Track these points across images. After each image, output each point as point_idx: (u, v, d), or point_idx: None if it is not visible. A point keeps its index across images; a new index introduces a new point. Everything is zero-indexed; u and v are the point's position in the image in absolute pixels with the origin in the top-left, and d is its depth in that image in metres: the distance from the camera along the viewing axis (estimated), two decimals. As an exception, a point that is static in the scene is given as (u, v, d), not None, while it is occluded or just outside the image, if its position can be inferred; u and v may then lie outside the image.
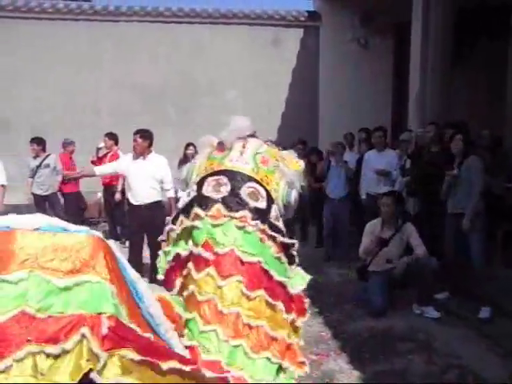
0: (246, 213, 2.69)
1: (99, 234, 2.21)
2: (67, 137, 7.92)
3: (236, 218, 2.67)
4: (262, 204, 2.79)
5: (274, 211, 2.85)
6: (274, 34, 9.77)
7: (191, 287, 2.63)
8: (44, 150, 7.29)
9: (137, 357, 1.87)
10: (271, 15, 9.83)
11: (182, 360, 2.08)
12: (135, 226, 5.09)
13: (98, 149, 7.42)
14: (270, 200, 2.86)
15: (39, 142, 7.20)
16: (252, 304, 2.59)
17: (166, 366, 1.95)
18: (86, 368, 1.76)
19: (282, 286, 2.73)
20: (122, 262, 2.25)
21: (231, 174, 2.84)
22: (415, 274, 4.25)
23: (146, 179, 4.94)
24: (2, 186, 5.88)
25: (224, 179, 2.81)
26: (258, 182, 2.85)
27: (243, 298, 2.57)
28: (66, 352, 1.78)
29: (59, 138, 8.47)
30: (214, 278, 2.58)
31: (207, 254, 2.61)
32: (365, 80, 9.00)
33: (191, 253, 2.68)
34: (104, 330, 1.83)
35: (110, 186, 7.28)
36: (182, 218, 2.84)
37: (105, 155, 7.31)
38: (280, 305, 2.67)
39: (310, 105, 9.76)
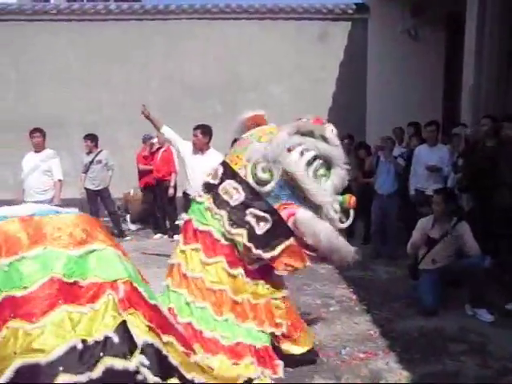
0: (200, 189, 3.24)
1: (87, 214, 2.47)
2: (117, 133, 8.18)
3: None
4: (215, 181, 3.17)
5: (227, 186, 3.10)
6: (321, 28, 9.66)
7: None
8: (96, 146, 7.57)
9: (145, 322, 2.13)
10: (318, 9, 9.72)
11: (179, 339, 2.37)
12: None
13: (152, 144, 7.59)
14: (229, 176, 3.14)
15: (92, 138, 7.50)
16: (213, 270, 2.99)
17: (165, 338, 2.22)
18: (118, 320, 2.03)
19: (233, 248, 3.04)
20: None
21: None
22: (467, 273, 4.10)
23: (204, 174, 5.03)
24: (59, 180, 6.17)
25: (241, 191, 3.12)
26: (224, 164, 3.24)
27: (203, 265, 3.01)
28: (95, 311, 2.03)
29: (110, 134, 8.79)
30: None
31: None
32: (415, 73, 8.72)
33: None
34: (121, 294, 2.10)
35: (162, 180, 7.43)
36: None
37: (157, 150, 7.48)
38: (240, 271, 3.00)
39: (357, 99, 9.59)
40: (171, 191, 7.30)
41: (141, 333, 2.07)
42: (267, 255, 2.95)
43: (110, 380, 1.91)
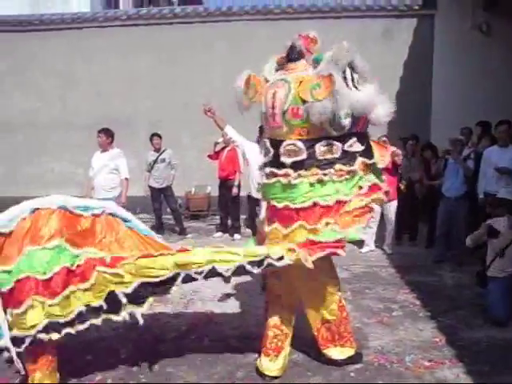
0: (287, 170, 3.00)
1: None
2: (180, 133, 8.41)
3: (280, 176, 3.02)
4: (302, 156, 2.98)
5: (319, 148, 3.00)
6: (386, 26, 9.42)
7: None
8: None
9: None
10: (383, 6, 9.50)
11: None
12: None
13: (216, 143, 7.72)
14: (314, 141, 3.01)
15: (160, 136, 7.78)
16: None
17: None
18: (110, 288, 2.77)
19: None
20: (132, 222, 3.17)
21: (273, 142, 3.12)
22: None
23: None
24: (126, 179, 6.42)
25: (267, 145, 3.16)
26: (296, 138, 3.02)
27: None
28: (93, 284, 2.76)
29: (173, 134, 9.04)
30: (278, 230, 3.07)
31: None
32: (484, 70, 8.29)
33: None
34: (108, 260, 2.83)
35: (226, 180, 7.55)
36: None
37: (222, 150, 7.59)
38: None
39: (421, 98, 9.28)
40: (235, 190, 7.38)
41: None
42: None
43: None
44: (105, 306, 2.77)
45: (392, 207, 6.54)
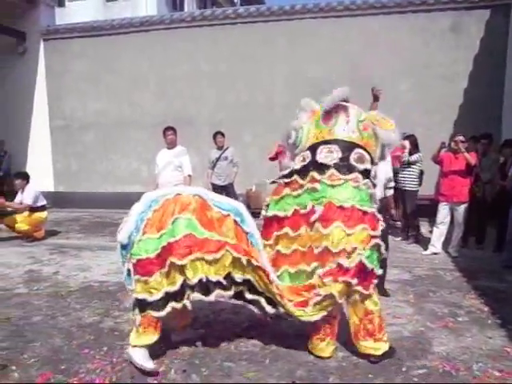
0: (356, 175, 3.21)
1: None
2: (241, 131, 8.52)
3: (350, 180, 3.19)
4: (368, 166, 3.30)
5: (373, 171, 3.38)
6: (454, 19, 9.02)
7: (324, 242, 3.13)
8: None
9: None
10: (452, -2, 9.07)
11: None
12: None
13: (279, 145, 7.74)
14: (371, 161, 3.35)
15: (223, 134, 7.94)
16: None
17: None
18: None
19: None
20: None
21: (342, 143, 3.29)
22: None
23: None
24: (189, 176, 6.62)
25: (336, 147, 3.28)
26: (362, 147, 3.31)
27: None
28: (216, 260, 3.05)
29: (235, 132, 9.18)
30: (342, 229, 3.09)
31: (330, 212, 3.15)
32: None
33: (311, 209, 3.22)
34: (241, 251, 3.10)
35: None
36: (296, 177, 3.37)
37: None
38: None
39: (492, 96, 8.80)
40: None
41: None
42: None
43: None
44: (224, 283, 3.08)
45: (462, 209, 6.29)
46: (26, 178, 7.67)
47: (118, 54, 10.70)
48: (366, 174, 3.26)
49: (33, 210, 7.47)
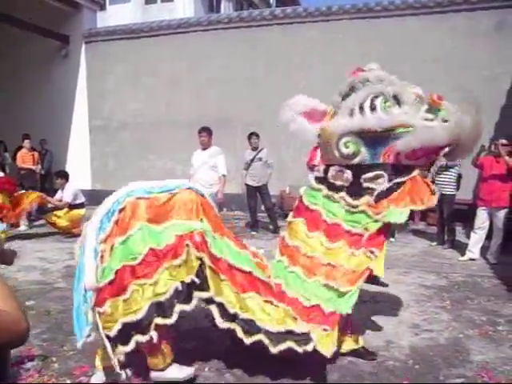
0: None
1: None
2: (276, 133, 8.49)
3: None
4: (320, 174, 3.44)
5: (333, 172, 3.32)
6: (498, 17, 8.72)
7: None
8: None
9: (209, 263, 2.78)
10: (497, -4, 8.79)
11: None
12: None
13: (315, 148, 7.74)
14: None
15: (258, 135, 7.98)
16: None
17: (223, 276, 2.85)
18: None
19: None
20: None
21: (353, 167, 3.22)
22: None
23: None
24: (224, 176, 6.67)
25: (345, 170, 3.23)
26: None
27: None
28: (184, 261, 2.72)
29: (270, 133, 9.18)
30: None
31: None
32: None
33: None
34: (197, 238, 2.77)
35: None
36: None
37: (314, 149, 7.60)
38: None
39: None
40: None
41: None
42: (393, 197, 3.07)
43: None
44: (197, 281, 2.71)
45: (501, 215, 6.10)
46: (65, 176, 7.94)
47: (156, 55, 10.91)
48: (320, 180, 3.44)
49: (72, 207, 7.71)
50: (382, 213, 3.03)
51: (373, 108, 3.06)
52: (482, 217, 6.25)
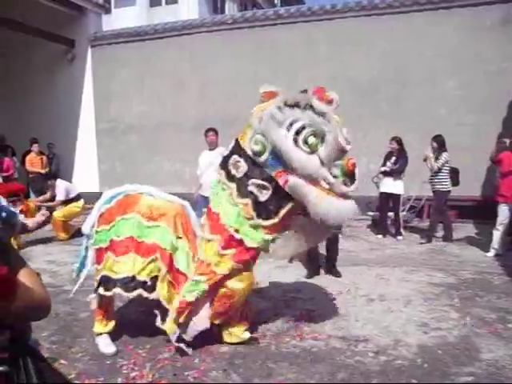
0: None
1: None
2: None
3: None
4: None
5: (233, 160, 3.32)
6: (504, 12, 8.63)
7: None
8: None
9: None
10: (502, -9, 8.71)
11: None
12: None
13: None
14: (235, 150, 3.40)
15: None
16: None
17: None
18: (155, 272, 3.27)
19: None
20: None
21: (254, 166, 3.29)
22: None
23: None
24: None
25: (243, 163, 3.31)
26: (236, 139, 3.47)
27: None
28: (149, 262, 3.26)
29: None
30: None
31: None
32: None
33: None
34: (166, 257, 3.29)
35: None
36: None
37: None
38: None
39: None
40: None
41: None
42: (267, 223, 3.14)
43: None
44: (149, 283, 3.25)
45: None
46: (54, 176, 8.10)
47: (161, 57, 10.94)
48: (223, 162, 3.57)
49: (67, 202, 7.71)
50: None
51: (297, 133, 2.98)
52: (503, 213, 6.21)
